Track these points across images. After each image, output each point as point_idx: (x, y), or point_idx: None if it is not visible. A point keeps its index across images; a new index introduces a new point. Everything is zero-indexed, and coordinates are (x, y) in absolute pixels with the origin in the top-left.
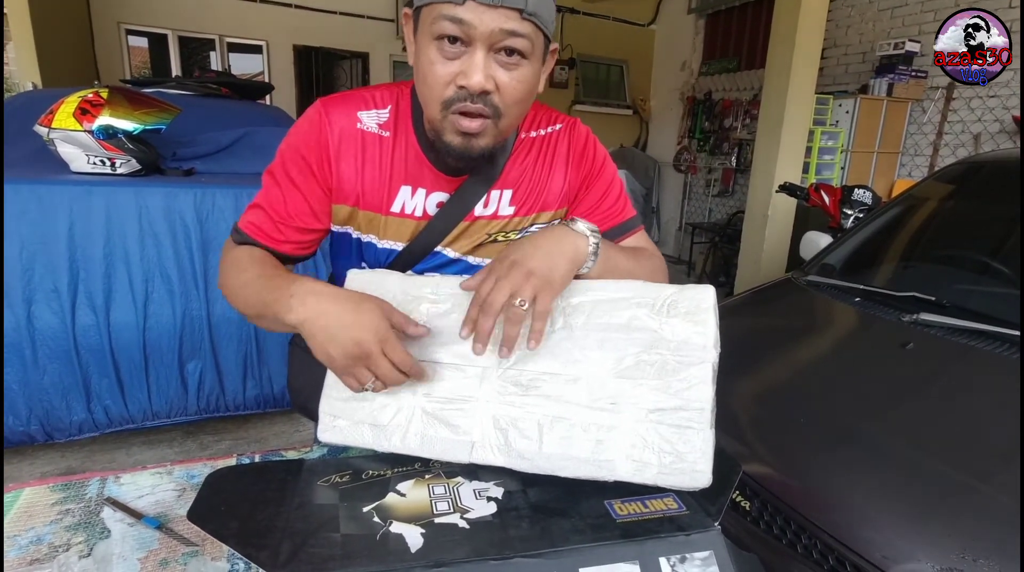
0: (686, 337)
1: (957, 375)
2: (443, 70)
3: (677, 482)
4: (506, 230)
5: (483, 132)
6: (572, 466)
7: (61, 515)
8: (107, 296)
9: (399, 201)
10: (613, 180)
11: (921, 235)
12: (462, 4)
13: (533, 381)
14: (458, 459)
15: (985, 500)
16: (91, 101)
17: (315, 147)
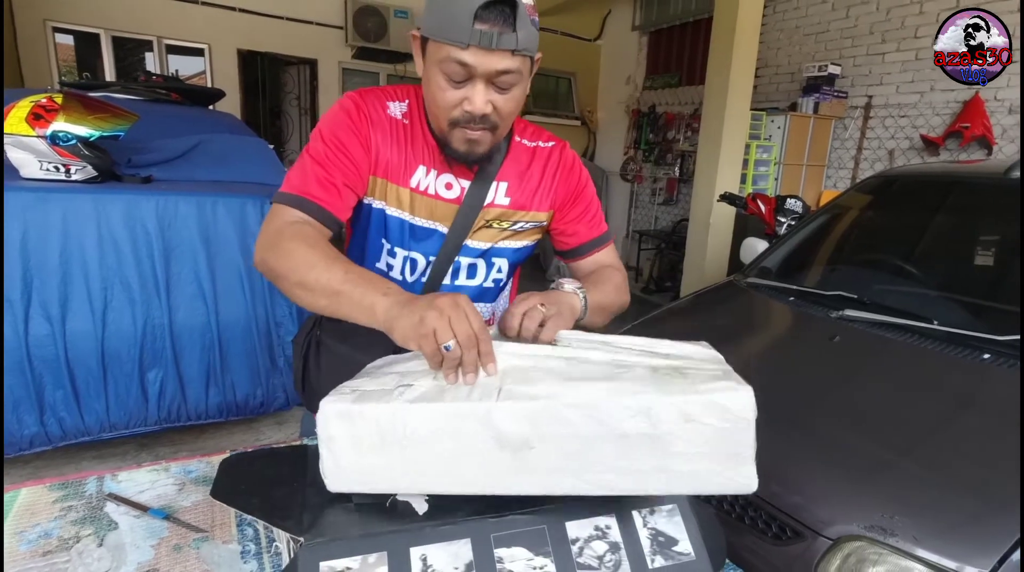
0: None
1: (877, 363)
2: (451, 96)
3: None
4: (500, 218)
5: (484, 141)
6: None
7: (64, 511)
8: (63, 305)
9: (416, 178)
10: (593, 198)
11: (845, 240)
12: (466, 49)
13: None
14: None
15: (902, 470)
16: (45, 106)
17: (359, 120)
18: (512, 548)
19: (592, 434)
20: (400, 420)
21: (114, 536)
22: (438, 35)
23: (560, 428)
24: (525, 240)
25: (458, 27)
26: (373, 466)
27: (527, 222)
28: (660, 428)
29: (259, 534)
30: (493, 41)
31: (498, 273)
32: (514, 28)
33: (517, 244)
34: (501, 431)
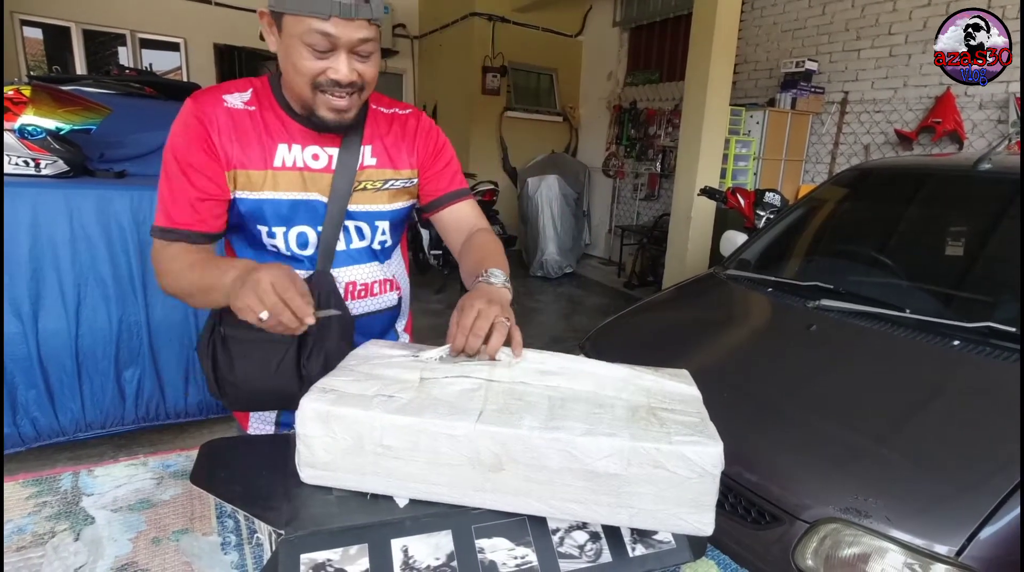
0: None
1: (852, 351)
2: (314, 66)
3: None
4: (372, 178)
5: (352, 107)
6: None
7: (39, 507)
8: (34, 303)
9: (279, 157)
10: (453, 158)
11: (821, 232)
12: (327, 20)
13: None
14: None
15: (876, 455)
16: (12, 99)
17: (198, 129)
18: (493, 539)
19: (563, 467)
20: (378, 429)
21: (91, 530)
22: (297, 9)
23: (532, 457)
24: (399, 202)
25: (318, 0)
26: (347, 466)
27: (397, 181)
28: (630, 470)
29: (240, 525)
30: (352, 11)
31: (383, 235)
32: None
33: (392, 206)
34: (475, 451)
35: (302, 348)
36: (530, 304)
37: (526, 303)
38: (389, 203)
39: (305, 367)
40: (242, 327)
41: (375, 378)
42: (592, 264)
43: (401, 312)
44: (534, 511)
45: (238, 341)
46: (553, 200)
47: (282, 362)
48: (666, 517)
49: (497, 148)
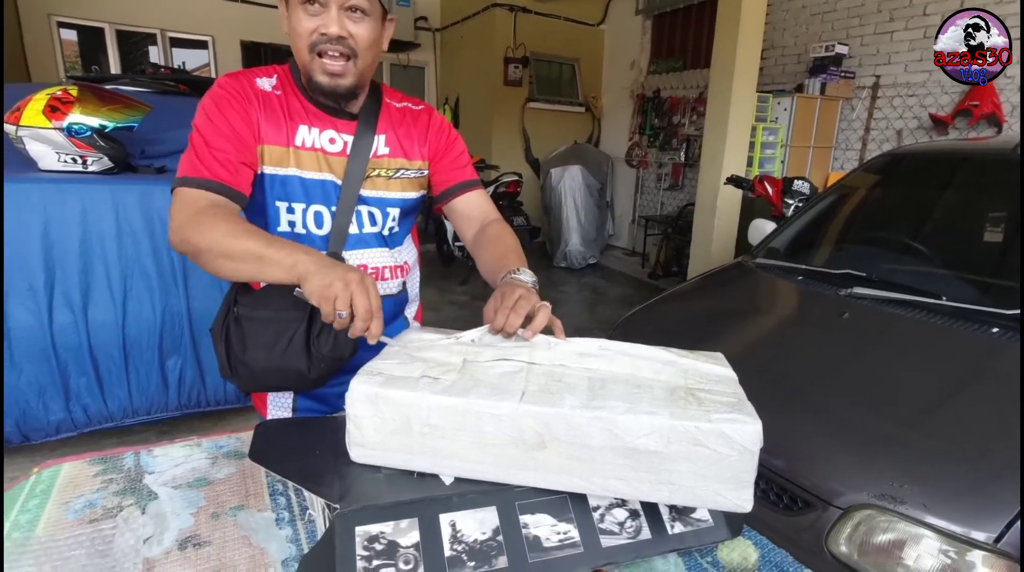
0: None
1: (886, 338)
2: (308, 24)
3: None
4: (384, 166)
5: (345, 72)
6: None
7: (106, 484)
8: (85, 294)
9: (299, 136)
10: (464, 151)
11: (853, 219)
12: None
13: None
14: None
15: (911, 441)
16: (61, 98)
17: (236, 100)
18: (536, 515)
19: (604, 445)
20: (424, 409)
21: (155, 505)
22: None
23: (574, 435)
24: (410, 191)
25: None
26: (395, 445)
27: (408, 170)
28: (670, 448)
29: (292, 503)
30: None
31: (393, 222)
32: None
33: (403, 194)
34: (518, 430)
35: (312, 326)
36: (554, 295)
37: (550, 294)
38: (400, 192)
39: (315, 345)
40: (257, 307)
41: (420, 361)
42: (616, 255)
43: (410, 299)
44: (576, 488)
45: (251, 321)
46: (576, 191)
47: (292, 340)
48: (706, 494)
49: (520, 139)
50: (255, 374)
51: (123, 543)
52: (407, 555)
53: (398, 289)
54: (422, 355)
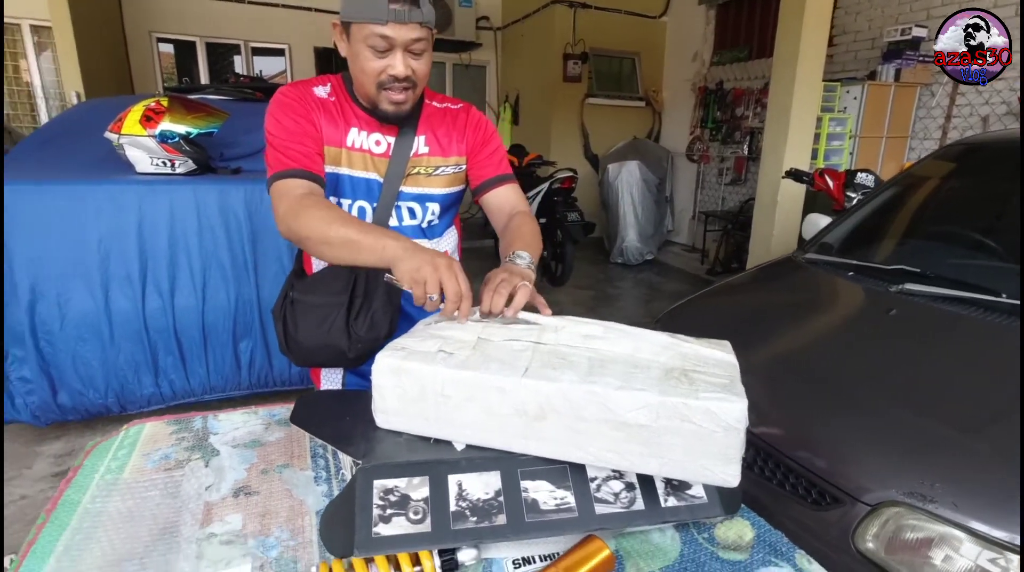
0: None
1: (933, 335)
2: (375, 65)
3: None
4: (424, 165)
5: (408, 100)
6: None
7: (178, 441)
8: (171, 282)
9: (350, 138)
10: (500, 147)
11: (914, 213)
12: (385, 25)
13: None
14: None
15: (946, 440)
16: (154, 109)
17: (301, 107)
18: (536, 481)
19: (598, 418)
20: (439, 381)
21: (216, 460)
22: (360, 17)
23: (571, 408)
24: (449, 186)
25: (376, 9)
26: (413, 413)
27: (447, 167)
28: (659, 422)
29: (329, 464)
30: (405, 16)
31: (432, 215)
32: (418, 5)
33: (443, 190)
34: (521, 402)
35: (350, 310)
36: (609, 290)
37: (605, 289)
38: (439, 187)
39: (352, 327)
40: (307, 293)
41: (439, 338)
42: (675, 251)
43: None
44: (573, 458)
45: (303, 304)
46: (633, 186)
47: (334, 322)
48: (694, 468)
49: (578, 135)
50: (305, 351)
51: (189, 488)
52: (417, 507)
53: None
54: (442, 333)
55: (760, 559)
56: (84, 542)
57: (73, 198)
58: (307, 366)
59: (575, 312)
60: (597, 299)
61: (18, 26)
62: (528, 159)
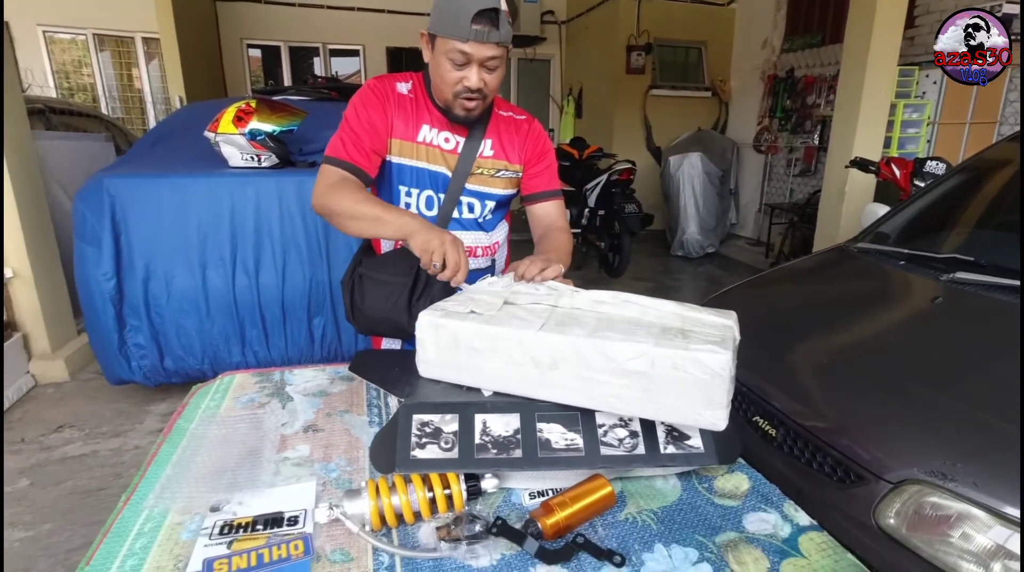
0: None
1: (975, 324)
2: (453, 75)
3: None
4: (487, 166)
5: (478, 108)
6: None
7: (261, 388)
8: (256, 263)
9: (422, 134)
10: (553, 162)
11: (978, 201)
12: (466, 42)
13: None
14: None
15: (972, 421)
16: (244, 110)
17: (379, 94)
18: (551, 424)
19: (603, 367)
20: (467, 333)
21: (291, 404)
22: (445, 33)
23: (579, 359)
24: (506, 188)
25: (460, 27)
26: (449, 363)
27: (506, 171)
28: (654, 371)
29: (381, 412)
30: (484, 36)
31: (488, 211)
32: (497, 28)
33: (500, 191)
34: (535, 353)
35: (413, 291)
36: (667, 282)
37: (663, 281)
38: (498, 188)
39: (414, 305)
40: (375, 270)
41: (471, 301)
42: (739, 244)
43: (497, 270)
44: (582, 403)
45: (371, 280)
46: (695, 178)
47: (398, 300)
48: (687, 412)
49: (641, 127)
50: (370, 321)
51: (269, 424)
52: (447, 437)
53: (487, 264)
54: (475, 297)
55: (751, 505)
56: (191, 457)
57: (178, 189)
58: (369, 334)
59: None
60: (654, 291)
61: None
62: (589, 151)
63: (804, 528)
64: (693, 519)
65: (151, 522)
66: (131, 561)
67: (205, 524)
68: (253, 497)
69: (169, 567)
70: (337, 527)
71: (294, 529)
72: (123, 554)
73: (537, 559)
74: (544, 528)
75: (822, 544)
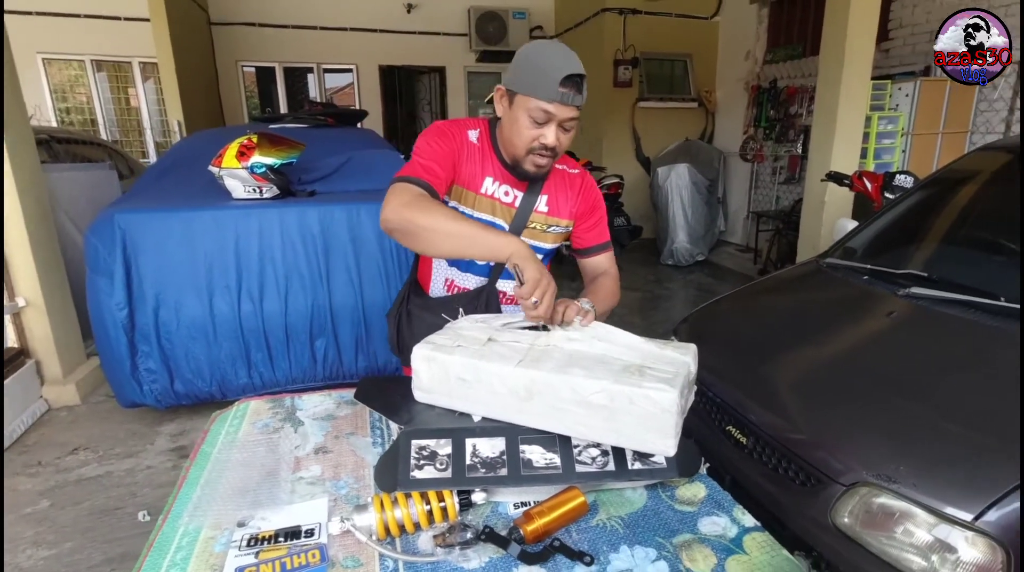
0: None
1: (924, 336)
2: (531, 132)
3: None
4: (540, 221)
5: (548, 166)
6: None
7: (274, 414)
8: (260, 290)
9: (485, 186)
10: (603, 214)
11: (937, 217)
12: (551, 103)
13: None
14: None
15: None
16: (246, 146)
17: (453, 137)
18: (532, 445)
19: (571, 399)
20: (456, 366)
21: (302, 428)
22: (530, 92)
23: (550, 391)
24: (556, 242)
25: (548, 91)
26: (441, 391)
27: (558, 227)
28: (614, 404)
29: (384, 434)
30: (569, 99)
31: None
32: (580, 92)
33: (550, 245)
34: (513, 385)
35: None
36: (658, 291)
37: (653, 290)
38: (549, 243)
39: None
40: (425, 310)
41: (460, 337)
42: (728, 251)
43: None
44: (555, 429)
45: (420, 319)
46: (683, 189)
47: None
48: (642, 440)
49: (630, 139)
50: None
51: (283, 446)
52: (442, 459)
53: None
54: (462, 333)
55: (706, 511)
56: (217, 478)
57: (185, 222)
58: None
59: (620, 314)
60: (645, 301)
61: (129, 63)
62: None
63: (749, 529)
64: (655, 523)
65: (187, 537)
66: (174, 571)
67: (234, 538)
68: (274, 513)
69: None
70: (348, 537)
71: (311, 540)
72: (166, 565)
73: (520, 561)
74: (525, 534)
75: (763, 542)
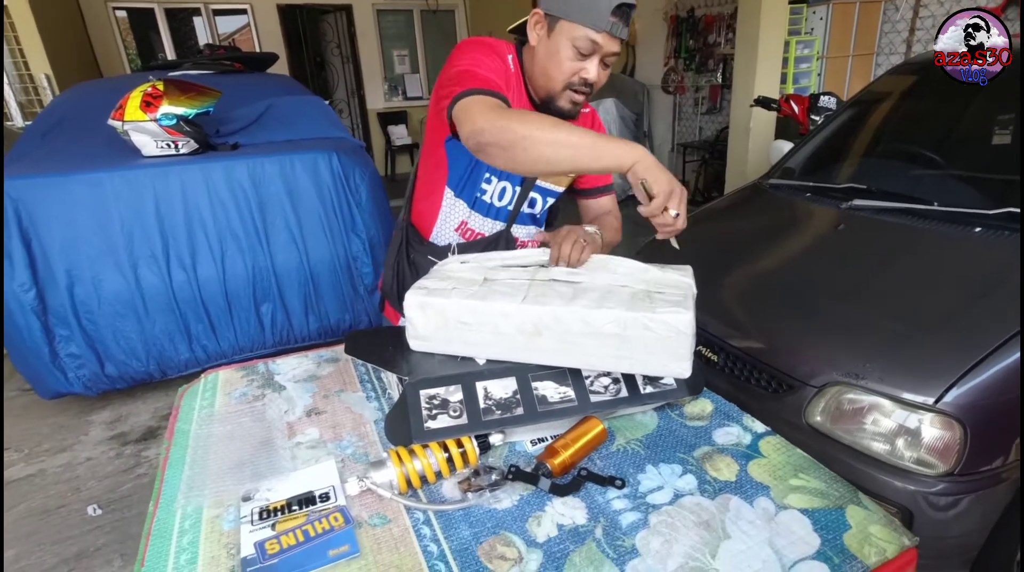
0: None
1: (874, 244)
2: (574, 66)
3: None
4: None
5: (582, 103)
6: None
7: (250, 382)
8: (192, 257)
9: None
10: None
11: (868, 133)
12: (600, 33)
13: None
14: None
15: (876, 327)
16: (151, 94)
17: (499, 52)
18: (544, 382)
19: (580, 331)
20: (455, 310)
21: (286, 392)
22: (577, 19)
23: (560, 325)
24: (566, 185)
25: (599, 16)
26: (439, 337)
27: None
28: (627, 332)
29: (375, 387)
30: (619, 30)
31: (544, 207)
32: (627, 24)
33: (562, 188)
34: (519, 323)
35: None
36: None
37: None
38: (562, 186)
39: None
40: (426, 255)
41: (452, 279)
42: None
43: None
44: (564, 364)
45: (425, 266)
46: (611, 123)
47: None
48: (656, 365)
49: None
50: None
51: (271, 413)
52: (455, 406)
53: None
54: (452, 275)
55: (717, 423)
56: (204, 455)
57: (93, 185)
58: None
59: None
60: None
61: None
62: None
63: (762, 434)
64: (672, 441)
65: (189, 519)
66: (185, 556)
67: (243, 513)
68: (279, 482)
69: (223, 555)
70: (368, 496)
71: (328, 504)
72: (173, 551)
73: (552, 494)
74: (552, 468)
75: (777, 445)
